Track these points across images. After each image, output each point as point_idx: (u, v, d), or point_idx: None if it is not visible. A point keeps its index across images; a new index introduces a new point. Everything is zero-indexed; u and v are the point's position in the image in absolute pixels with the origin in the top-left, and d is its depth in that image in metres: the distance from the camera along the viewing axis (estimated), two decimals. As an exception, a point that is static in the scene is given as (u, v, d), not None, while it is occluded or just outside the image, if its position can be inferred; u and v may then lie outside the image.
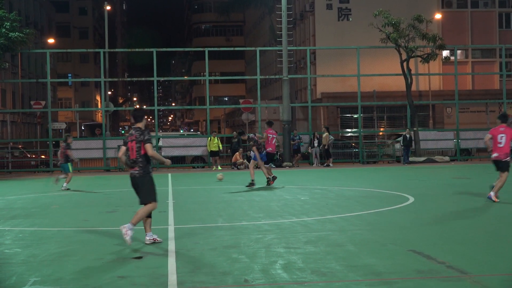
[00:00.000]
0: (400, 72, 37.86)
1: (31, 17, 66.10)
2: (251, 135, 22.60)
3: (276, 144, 22.78)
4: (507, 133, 14.98)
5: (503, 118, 15.34)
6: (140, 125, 10.67)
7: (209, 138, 35.77)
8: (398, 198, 16.45)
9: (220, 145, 35.74)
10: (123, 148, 10.81)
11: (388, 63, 45.14)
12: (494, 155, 15.13)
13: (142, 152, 10.56)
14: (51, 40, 62.00)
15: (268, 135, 22.15)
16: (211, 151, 35.58)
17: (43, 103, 41.90)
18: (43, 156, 40.43)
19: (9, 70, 53.19)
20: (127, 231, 10.11)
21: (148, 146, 10.44)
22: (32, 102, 43.98)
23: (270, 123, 22.77)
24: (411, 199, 16.26)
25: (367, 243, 10.23)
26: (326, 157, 35.90)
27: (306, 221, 12.84)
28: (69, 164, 22.83)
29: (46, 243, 10.88)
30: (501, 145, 15.00)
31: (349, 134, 46.69)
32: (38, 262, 9.24)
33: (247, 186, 21.45)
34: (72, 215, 15.08)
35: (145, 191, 10.54)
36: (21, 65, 59.72)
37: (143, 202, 10.58)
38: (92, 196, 20.50)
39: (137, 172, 10.64)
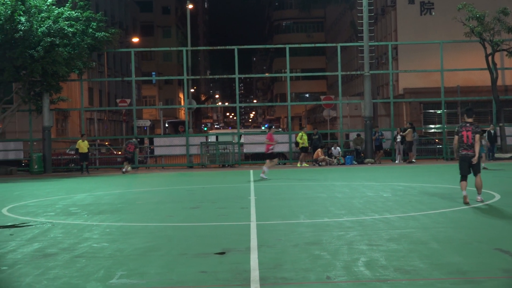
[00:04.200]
0: (485, 66, 36.98)
1: (116, 17, 67.61)
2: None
3: None
4: None
5: None
6: (470, 119, 14.73)
7: (301, 134, 35.67)
8: (484, 195, 16.05)
9: (307, 142, 35.52)
10: (457, 137, 14.77)
11: (472, 58, 44.08)
12: None
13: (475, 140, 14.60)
14: (135, 39, 63.33)
15: None
16: (302, 147, 35.44)
17: (128, 101, 42.82)
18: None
19: (95, 69, 54.56)
20: (480, 198, 14.71)
21: (477, 137, 14.47)
22: (117, 100, 45.04)
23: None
24: (497, 196, 15.88)
25: (452, 241, 10.03)
26: (408, 153, 35.38)
27: (389, 218, 12.70)
28: None
29: (132, 238, 11.11)
30: None
31: (433, 130, 45.89)
32: (125, 257, 9.44)
33: None
34: (156, 211, 15.35)
35: (477, 166, 14.60)
36: (107, 64, 61.19)
37: (476, 174, 14.62)
38: (175, 192, 20.80)
39: (471, 153, 14.51)
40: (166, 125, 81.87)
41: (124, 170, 33.35)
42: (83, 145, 33.70)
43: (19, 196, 20.49)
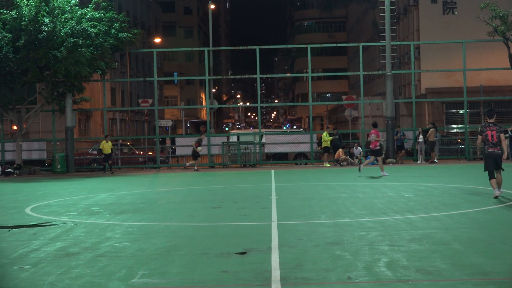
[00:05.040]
0: (508, 66, 36.66)
1: (139, 18, 67.90)
2: None
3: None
4: None
5: None
6: (492, 120, 15.89)
7: (325, 134, 35.74)
8: (506, 196, 15.94)
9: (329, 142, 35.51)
10: (480, 137, 15.90)
11: (495, 57, 43.76)
12: None
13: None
14: (157, 40, 63.51)
15: None
16: (325, 146, 35.49)
17: (150, 101, 42.97)
18: (150, 153, 41.49)
19: (118, 70, 54.81)
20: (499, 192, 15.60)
21: (502, 135, 15.64)
22: (139, 100, 45.21)
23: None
24: (520, 197, 15.74)
25: (474, 241, 9.96)
26: (430, 153, 35.20)
27: (411, 218, 12.64)
28: None
29: (154, 238, 11.14)
30: None
31: (455, 130, 45.60)
32: (146, 256, 9.48)
33: None
34: (178, 210, 15.39)
35: (501, 164, 15.74)
36: (129, 65, 61.45)
37: (500, 169, 15.79)
38: (197, 192, 20.84)
39: (497, 151, 15.61)
40: (188, 125, 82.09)
41: (195, 168, 34.30)
42: (106, 146, 33.84)
43: (42, 195, 20.65)
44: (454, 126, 45.66)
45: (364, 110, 39.47)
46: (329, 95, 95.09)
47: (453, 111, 47.50)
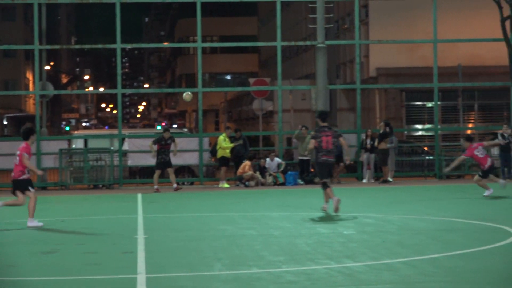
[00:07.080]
0: (500, 36, 37.50)
1: None
2: None
3: None
4: None
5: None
6: (326, 123, 21.14)
7: (222, 137, 35.29)
8: (496, 233, 16.37)
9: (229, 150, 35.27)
10: (313, 142, 20.96)
11: (481, 23, 44.84)
12: None
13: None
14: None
15: None
16: (222, 157, 35.05)
17: None
18: None
19: None
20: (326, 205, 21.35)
21: (342, 139, 21.54)
22: None
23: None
24: (516, 235, 16.16)
25: (447, 302, 10.17)
26: (381, 168, 35.60)
27: (351, 268, 12.78)
28: None
29: None
30: None
31: (420, 133, 46.54)
32: None
33: None
34: (-13, 257, 15.13)
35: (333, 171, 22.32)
36: None
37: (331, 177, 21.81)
38: (18, 229, 20.51)
39: (331, 159, 21.44)
40: (5, 122, 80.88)
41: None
42: None
43: None
44: (419, 126, 46.60)
45: (283, 101, 39.63)
46: (229, 77, 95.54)
47: (417, 103, 48.43)
